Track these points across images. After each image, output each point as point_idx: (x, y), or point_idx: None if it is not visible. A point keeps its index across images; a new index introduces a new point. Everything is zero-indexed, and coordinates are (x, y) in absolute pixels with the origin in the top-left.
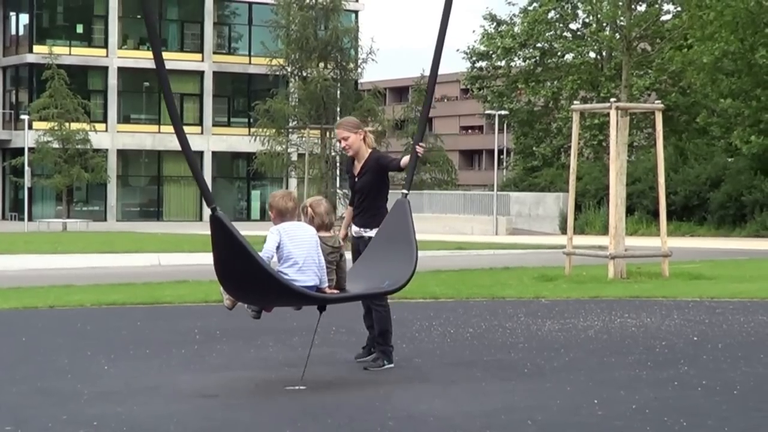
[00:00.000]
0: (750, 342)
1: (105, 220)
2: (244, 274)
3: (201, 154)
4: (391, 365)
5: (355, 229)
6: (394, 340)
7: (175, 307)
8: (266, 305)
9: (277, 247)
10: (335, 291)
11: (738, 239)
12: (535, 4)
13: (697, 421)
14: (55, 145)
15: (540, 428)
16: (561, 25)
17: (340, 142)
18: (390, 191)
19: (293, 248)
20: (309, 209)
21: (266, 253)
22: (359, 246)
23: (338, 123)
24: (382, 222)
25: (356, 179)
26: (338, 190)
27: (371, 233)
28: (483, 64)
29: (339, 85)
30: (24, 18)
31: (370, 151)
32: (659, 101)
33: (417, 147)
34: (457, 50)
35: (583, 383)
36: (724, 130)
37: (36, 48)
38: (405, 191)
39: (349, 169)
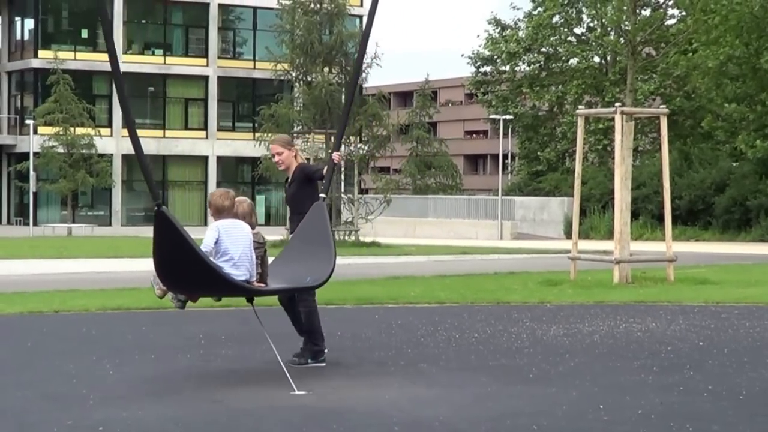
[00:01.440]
0: (756, 347)
1: (110, 224)
2: (185, 266)
3: (206, 158)
4: (317, 364)
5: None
6: (399, 345)
7: (181, 312)
8: (198, 294)
9: (216, 242)
10: (261, 284)
11: (743, 244)
12: (539, 9)
13: (702, 426)
14: (60, 150)
15: None
16: (565, 29)
17: (274, 156)
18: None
19: (230, 245)
20: (240, 209)
21: (205, 247)
22: None
23: (273, 139)
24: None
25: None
26: (343, 195)
27: None
28: (487, 68)
29: (343, 89)
30: (29, 23)
31: (297, 164)
32: (664, 106)
33: (334, 155)
34: (462, 55)
35: (589, 388)
36: (728, 135)
37: (41, 53)
38: (323, 195)
39: (286, 181)
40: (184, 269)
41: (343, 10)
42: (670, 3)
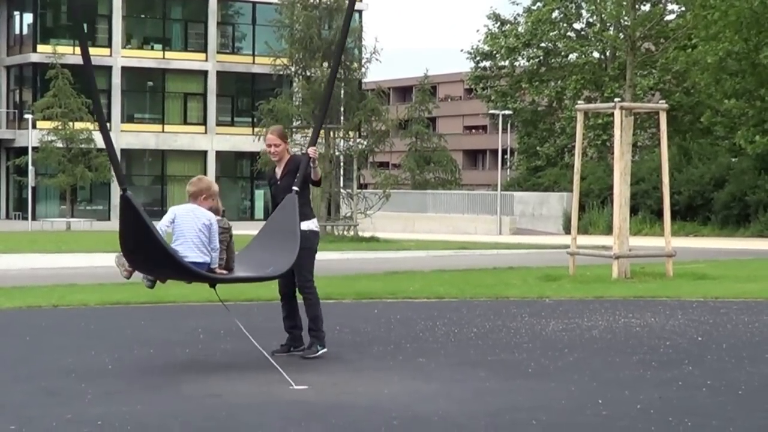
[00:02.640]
0: (755, 342)
1: (109, 219)
2: (146, 248)
3: (205, 153)
4: (325, 350)
5: None
6: (398, 340)
7: (179, 307)
8: (161, 277)
9: (172, 223)
10: (224, 271)
11: (742, 239)
12: (539, 4)
13: (701, 421)
14: (59, 144)
15: (544, 428)
16: (565, 24)
17: (270, 146)
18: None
19: (184, 228)
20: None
21: (161, 225)
22: None
23: (272, 129)
24: (300, 215)
25: (278, 182)
26: (342, 190)
27: (302, 226)
28: (487, 63)
29: (343, 84)
30: (28, 17)
31: (289, 156)
32: (663, 101)
33: (309, 150)
34: (461, 50)
35: (588, 383)
36: (728, 130)
37: (40, 47)
38: (296, 188)
39: (270, 176)
40: (146, 251)
41: (343, 5)
42: None
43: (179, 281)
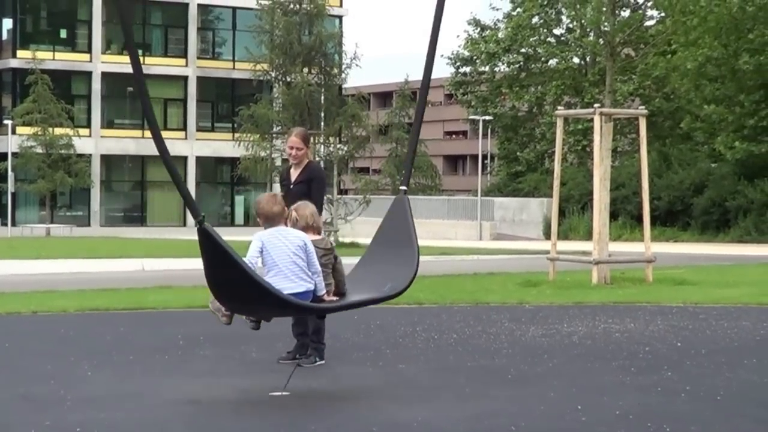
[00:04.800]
0: (733, 348)
1: (89, 225)
2: (235, 285)
3: (185, 159)
4: (323, 362)
5: None
6: (378, 346)
7: (159, 313)
8: (261, 315)
9: (261, 253)
10: (334, 297)
11: (721, 245)
12: (519, 10)
13: (680, 426)
14: (39, 150)
15: None
16: (545, 30)
17: (292, 148)
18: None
19: (275, 255)
20: (293, 213)
21: (250, 258)
22: None
23: (297, 132)
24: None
25: (291, 186)
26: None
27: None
28: (467, 69)
29: (323, 90)
30: (7, 23)
31: (308, 161)
32: (643, 107)
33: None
34: (441, 55)
35: (567, 389)
36: (707, 136)
37: (19, 53)
38: (403, 187)
39: (284, 177)
40: (237, 289)
41: (323, 11)
42: (649, 4)
43: (284, 317)
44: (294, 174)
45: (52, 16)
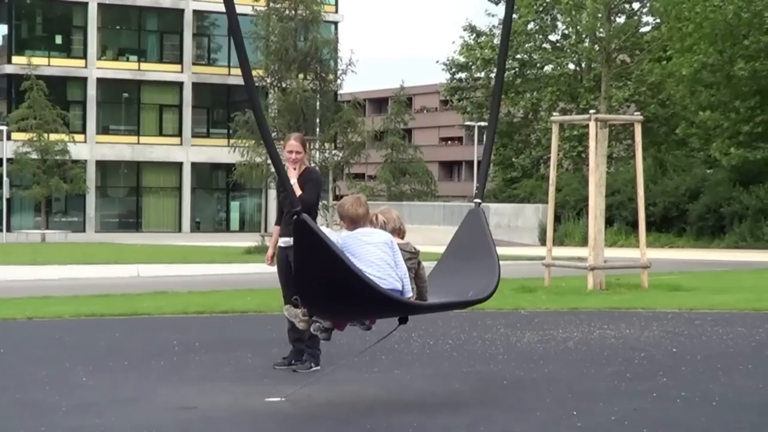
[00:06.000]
0: (729, 353)
1: (84, 231)
2: (333, 279)
3: (180, 165)
4: (318, 368)
5: (285, 239)
6: (373, 352)
7: (154, 319)
8: (347, 317)
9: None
10: (420, 301)
11: (717, 251)
12: (514, 16)
13: None
14: (34, 156)
15: None
16: (540, 36)
17: (291, 152)
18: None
19: (363, 252)
20: (380, 216)
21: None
22: (288, 255)
23: (296, 136)
24: None
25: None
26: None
27: None
28: (462, 75)
29: (318, 96)
30: (3, 29)
31: (305, 166)
32: (638, 113)
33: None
34: (437, 61)
35: (562, 395)
36: (703, 142)
37: (15, 59)
38: (478, 200)
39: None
40: (335, 284)
41: (318, 17)
42: (645, 11)
43: (361, 322)
44: (292, 179)
45: (48, 22)
